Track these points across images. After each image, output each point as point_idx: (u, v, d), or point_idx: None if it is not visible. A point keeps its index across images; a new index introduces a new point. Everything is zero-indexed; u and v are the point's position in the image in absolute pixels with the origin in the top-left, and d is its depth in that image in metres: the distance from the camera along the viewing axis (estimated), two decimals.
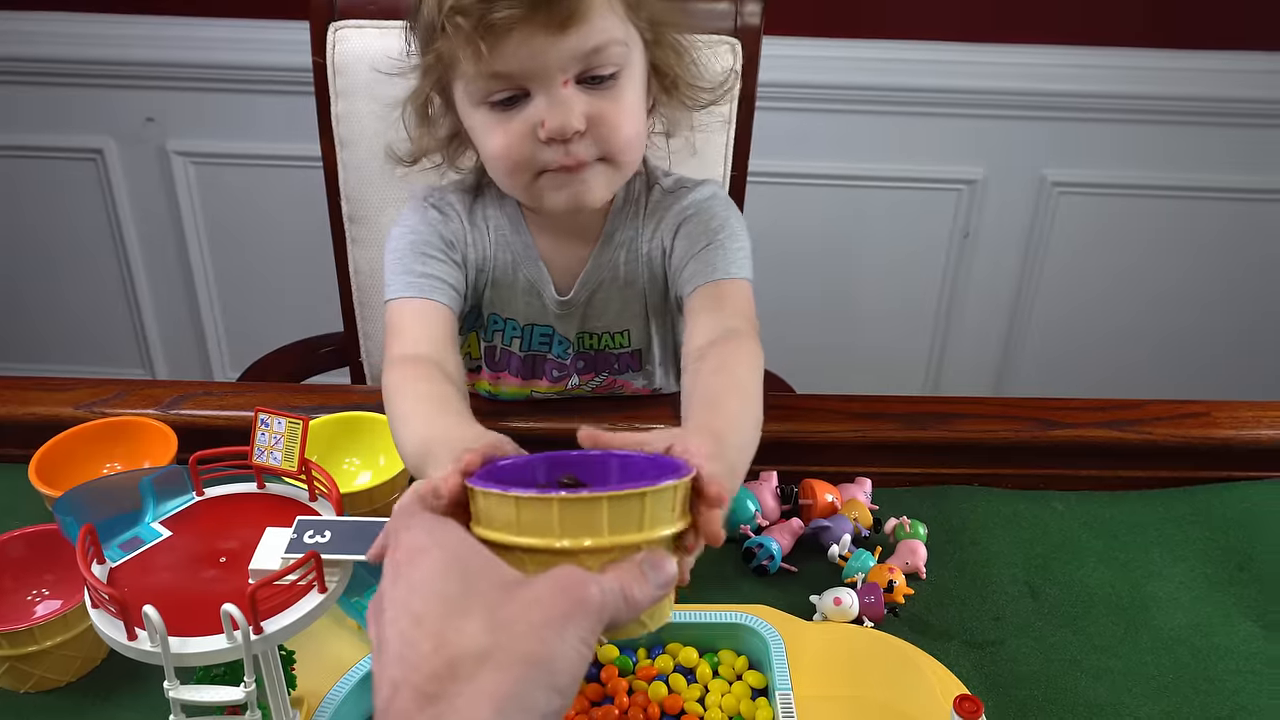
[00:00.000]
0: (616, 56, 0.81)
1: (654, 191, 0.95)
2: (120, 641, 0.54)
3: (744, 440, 0.68)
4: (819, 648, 0.75)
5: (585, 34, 0.79)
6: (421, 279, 0.89)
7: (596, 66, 0.81)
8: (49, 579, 0.79)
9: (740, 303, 0.87)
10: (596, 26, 0.79)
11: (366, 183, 1.25)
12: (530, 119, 0.81)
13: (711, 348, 0.80)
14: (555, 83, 0.80)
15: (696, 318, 0.86)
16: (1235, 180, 1.91)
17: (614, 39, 0.81)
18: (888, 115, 1.86)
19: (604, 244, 0.94)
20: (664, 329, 1.00)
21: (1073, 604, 0.85)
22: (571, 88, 0.80)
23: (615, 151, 0.84)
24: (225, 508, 0.64)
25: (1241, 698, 0.77)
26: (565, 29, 0.78)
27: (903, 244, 1.98)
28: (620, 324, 0.98)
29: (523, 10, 0.76)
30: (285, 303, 1.98)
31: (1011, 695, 0.77)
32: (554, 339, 0.98)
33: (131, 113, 1.90)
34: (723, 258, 0.89)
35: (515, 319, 0.97)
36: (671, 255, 0.92)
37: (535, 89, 0.80)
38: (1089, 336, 2.06)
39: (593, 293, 0.95)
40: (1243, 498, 0.96)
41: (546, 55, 0.79)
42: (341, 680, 0.71)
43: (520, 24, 0.77)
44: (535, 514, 0.50)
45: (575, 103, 0.80)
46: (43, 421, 0.94)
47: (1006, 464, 0.97)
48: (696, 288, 0.88)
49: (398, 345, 0.85)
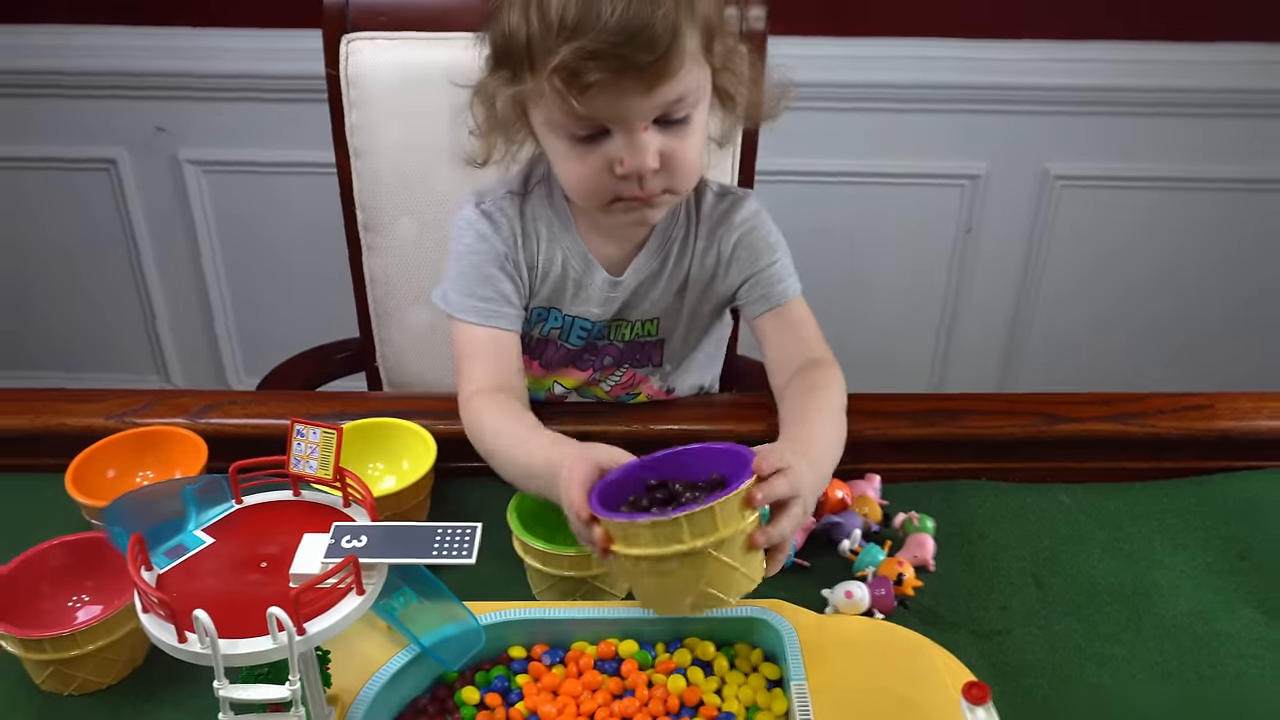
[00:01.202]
0: (692, 101, 0.86)
1: (705, 196, 1.01)
2: (171, 644, 0.57)
3: (827, 449, 0.84)
4: (832, 640, 0.78)
5: (670, 87, 0.83)
6: (485, 303, 0.97)
7: (675, 112, 0.86)
8: (89, 585, 0.81)
9: (811, 327, 0.99)
10: (684, 77, 0.84)
11: (382, 192, 1.28)
12: (608, 155, 0.87)
13: (799, 375, 0.93)
14: (636, 128, 0.85)
15: (775, 346, 0.98)
16: (1236, 171, 1.93)
17: (693, 87, 0.86)
18: (890, 113, 1.88)
19: (658, 236, 1.00)
20: (692, 327, 1.05)
21: (1078, 593, 0.88)
22: (650, 131, 0.85)
23: (683, 185, 0.91)
24: (264, 515, 0.66)
25: (1244, 682, 0.80)
26: (654, 87, 0.83)
27: (907, 240, 2.00)
28: (652, 314, 1.03)
29: (617, 72, 0.81)
30: (298, 309, 2.01)
31: (1018, 683, 0.79)
32: (593, 330, 1.03)
33: (143, 123, 1.93)
34: (783, 277, 1.00)
35: (559, 309, 1.02)
36: (730, 267, 1.00)
37: (616, 130, 0.85)
38: (1093, 328, 2.08)
39: (641, 281, 1.00)
40: (1244, 487, 0.98)
41: (633, 108, 0.84)
42: (373, 678, 0.73)
43: (609, 82, 0.81)
44: (667, 529, 0.67)
45: (652, 143, 0.86)
46: (75, 432, 0.97)
47: (1013, 458, 0.99)
48: (764, 311, 0.99)
49: (475, 377, 0.95)
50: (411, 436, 0.95)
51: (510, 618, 0.78)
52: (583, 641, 0.79)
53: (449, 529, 0.63)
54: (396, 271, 1.33)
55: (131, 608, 0.75)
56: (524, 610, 0.79)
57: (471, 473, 0.98)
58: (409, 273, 1.32)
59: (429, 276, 1.31)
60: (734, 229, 1.00)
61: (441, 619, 0.75)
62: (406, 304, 1.34)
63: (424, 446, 0.93)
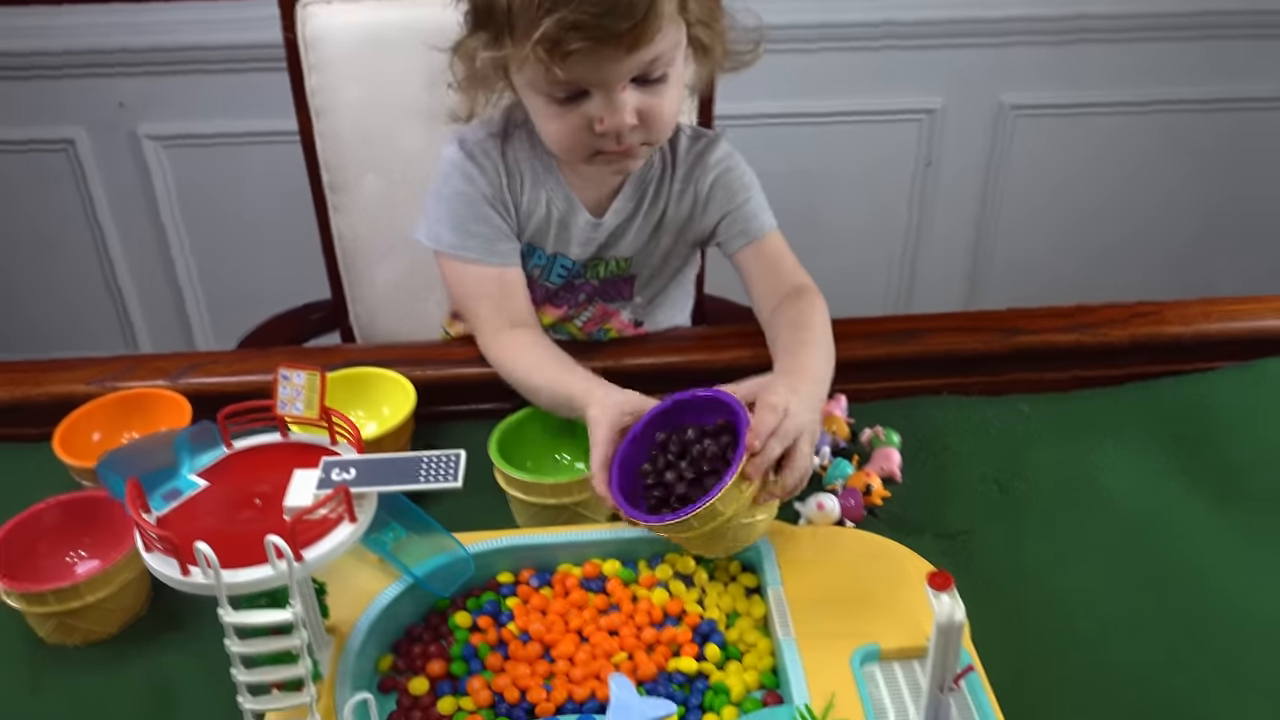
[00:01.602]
0: (668, 59, 0.90)
1: (679, 138, 1.04)
2: (175, 578, 0.59)
3: (820, 377, 0.88)
4: (805, 548, 0.82)
5: (648, 50, 0.87)
6: (485, 241, 1.01)
7: (652, 71, 0.89)
8: (86, 541, 0.84)
9: (790, 258, 1.03)
10: (660, 39, 0.87)
11: (345, 151, 1.30)
12: (587, 114, 0.90)
13: (783, 306, 0.97)
14: (614, 88, 0.88)
15: (757, 278, 1.03)
16: (1187, 93, 1.97)
17: (669, 46, 0.89)
18: (845, 51, 1.90)
19: (634, 180, 1.03)
20: (664, 265, 1.09)
21: (1038, 496, 0.92)
22: (628, 90, 0.89)
23: (660, 137, 0.94)
24: (254, 457, 0.69)
25: (1195, 571, 0.84)
26: (633, 51, 0.86)
27: (868, 176, 2.03)
28: (627, 252, 1.06)
29: (597, 40, 0.84)
30: (267, 276, 2.01)
31: (982, 579, 0.83)
32: (573, 269, 1.06)
33: (100, 101, 1.92)
34: (758, 212, 1.04)
35: (542, 249, 1.05)
36: (708, 206, 1.04)
37: (595, 91, 0.89)
38: (1050, 249, 2.13)
39: (624, 220, 1.04)
40: (1193, 390, 1.03)
41: (611, 70, 0.87)
42: (368, 609, 0.77)
43: (590, 49, 0.84)
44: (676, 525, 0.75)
45: (630, 102, 0.89)
46: (57, 400, 0.98)
47: (972, 373, 1.03)
48: (744, 246, 1.03)
49: (491, 317, 1.00)
50: (391, 384, 0.97)
51: (497, 545, 0.82)
52: (568, 564, 0.82)
53: (434, 456, 0.66)
54: (364, 230, 1.35)
55: (130, 559, 0.79)
56: (509, 538, 0.82)
57: (450, 416, 1.02)
58: (377, 230, 1.34)
59: (397, 233, 1.33)
60: (710, 169, 1.03)
61: (431, 550, 0.79)
62: (376, 261, 1.36)
63: (403, 393, 0.96)
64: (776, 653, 0.75)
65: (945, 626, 0.63)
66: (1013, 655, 0.76)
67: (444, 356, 1.05)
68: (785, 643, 0.74)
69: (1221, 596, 0.82)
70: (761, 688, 0.74)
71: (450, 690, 0.74)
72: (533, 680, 0.74)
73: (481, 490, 0.89)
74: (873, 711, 0.69)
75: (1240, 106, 2.00)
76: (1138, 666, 0.76)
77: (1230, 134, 2.03)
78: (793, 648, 0.73)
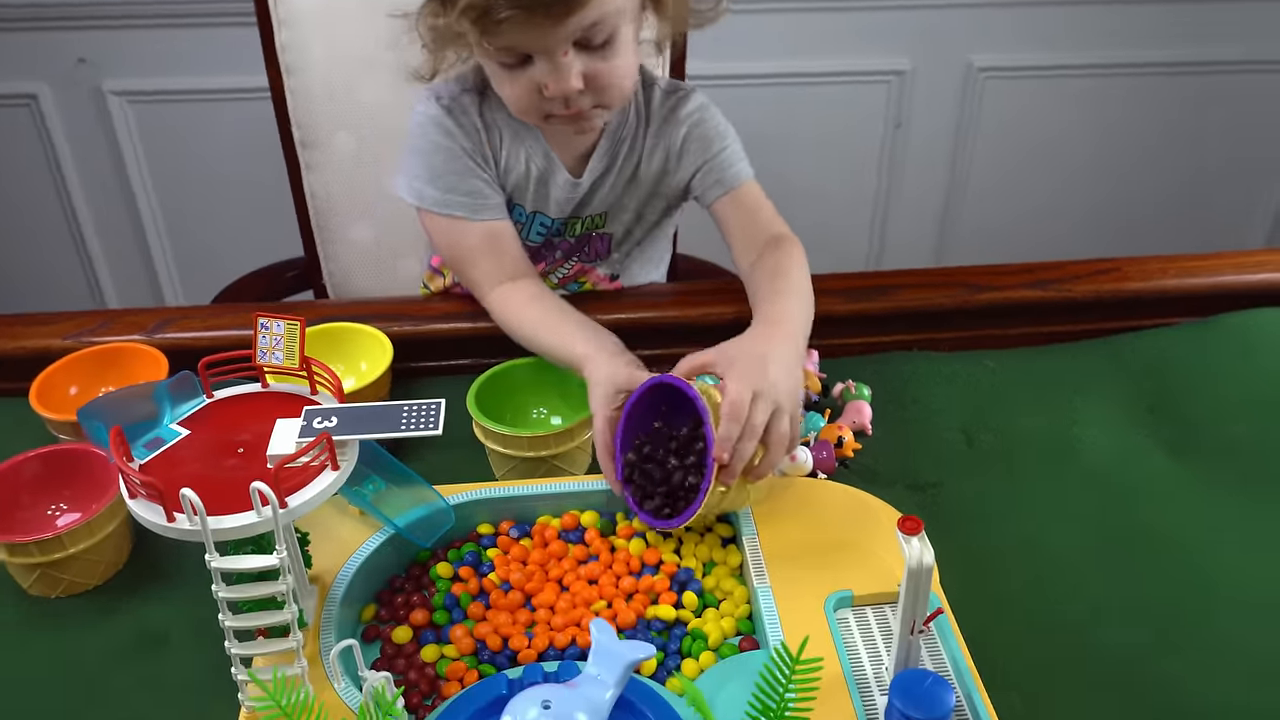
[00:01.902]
0: (612, 22, 0.88)
1: (653, 93, 1.04)
2: (160, 524, 0.60)
3: (796, 328, 0.88)
4: (778, 499, 0.84)
5: (581, 16, 0.85)
6: (469, 197, 1.00)
7: (594, 36, 0.88)
8: (66, 494, 0.84)
9: (768, 207, 1.03)
10: (592, 7, 0.85)
11: (316, 108, 1.29)
12: (534, 79, 0.89)
13: (762, 257, 0.97)
14: (555, 54, 0.87)
15: (735, 223, 1.02)
16: (1155, 55, 1.99)
17: (610, 10, 0.87)
18: (815, 12, 1.90)
19: (610, 135, 1.03)
20: (640, 221, 1.09)
21: (1004, 448, 0.94)
22: (570, 54, 0.88)
23: (611, 101, 0.93)
24: (235, 407, 0.70)
25: (1154, 519, 0.87)
26: (563, 20, 0.85)
27: (837, 138, 2.04)
28: (601, 208, 1.06)
29: (525, 9, 0.83)
30: (238, 234, 2.00)
31: (952, 528, 0.86)
32: (552, 226, 1.06)
33: (63, 55, 1.88)
34: (734, 161, 1.03)
35: (522, 206, 1.05)
36: (682, 159, 1.04)
37: (537, 57, 0.88)
38: (1019, 212, 2.15)
39: (599, 177, 1.03)
40: (1152, 344, 1.05)
41: (545, 38, 0.86)
42: (351, 559, 0.78)
43: (520, 18, 0.83)
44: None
45: (574, 67, 0.88)
46: (32, 354, 0.98)
47: (941, 329, 1.06)
48: (719, 196, 1.03)
49: (489, 274, 1.00)
50: (368, 339, 0.98)
51: (476, 497, 0.83)
52: (547, 515, 0.84)
53: (415, 405, 0.66)
54: (337, 188, 1.34)
55: (112, 510, 0.79)
56: (489, 489, 0.84)
57: (427, 372, 1.02)
58: (350, 188, 1.33)
59: (371, 191, 1.33)
60: (681, 123, 1.03)
61: (412, 502, 0.80)
62: (350, 220, 1.36)
63: (380, 348, 0.97)
64: (752, 599, 0.77)
65: (915, 570, 0.65)
66: (981, 600, 0.78)
67: (421, 312, 1.05)
68: (760, 590, 0.76)
69: (1178, 539, 0.85)
70: (738, 634, 0.76)
71: (433, 639, 0.76)
72: (514, 628, 0.76)
73: (460, 444, 0.90)
74: (846, 654, 0.72)
75: (1208, 70, 2.02)
76: (1100, 608, 0.79)
77: (1198, 97, 2.05)
78: (768, 594, 0.76)
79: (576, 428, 0.87)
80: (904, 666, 0.69)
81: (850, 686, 0.69)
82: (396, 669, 0.73)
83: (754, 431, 0.77)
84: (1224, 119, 2.08)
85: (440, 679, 0.73)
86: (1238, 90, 2.05)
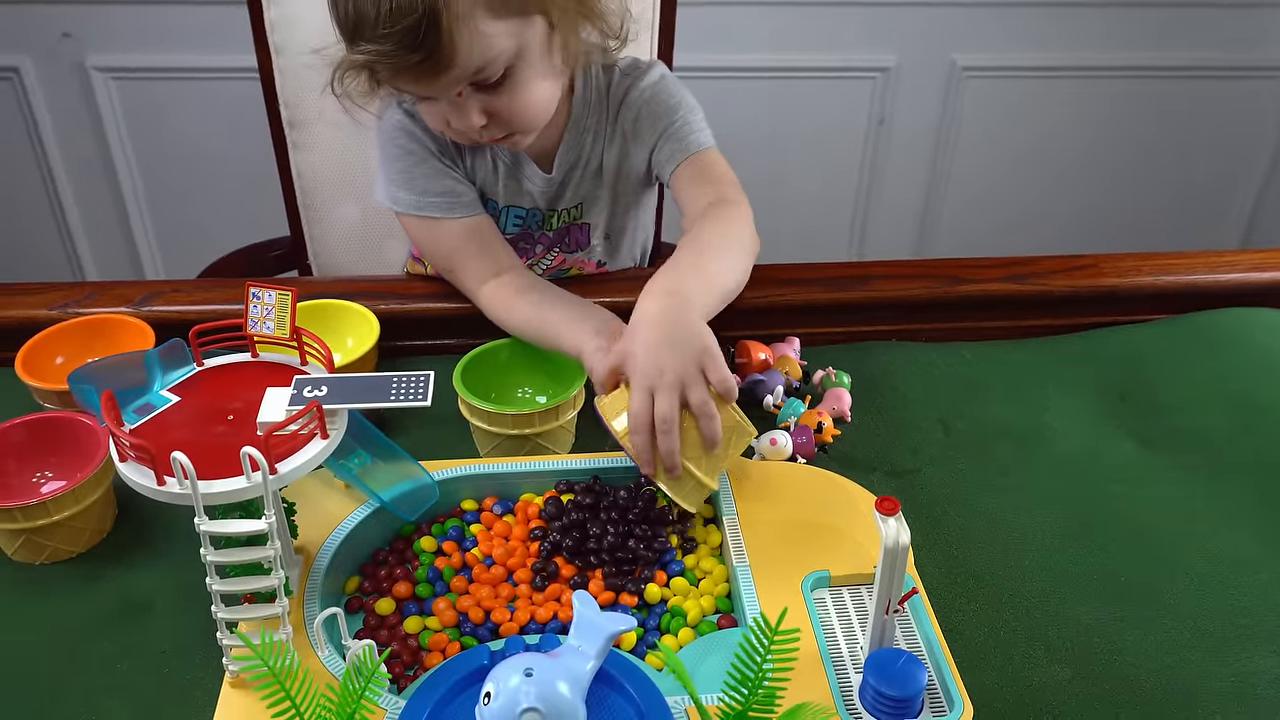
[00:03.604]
0: (503, 62, 0.87)
1: (613, 75, 1.03)
2: (151, 487, 0.61)
3: (690, 292, 0.83)
4: (758, 482, 0.85)
5: (463, 66, 0.85)
6: (443, 197, 1.00)
7: (487, 78, 0.88)
8: (52, 461, 0.85)
9: (721, 169, 1.00)
10: (473, 57, 0.85)
11: (305, 87, 1.29)
12: (441, 113, 0.91)
13: (707, 212, 0.95)
14: (449, 96, 0.88)
15: (686, 190, 0.99)
16: (1130, 59, 2.02)
17: (495, 53, 0.86)
18: (802, 6, 1.92)
19: (573, 128, 1.03)
20: (616, 208, 1.09)
21: (980, 436, 0.96)
22: (466, 93, 0.88)
23: (523, 127, 0.93)
24: (226, 375, 0.70)
25: (1123, 504, 0.89)
26: (439, 74, 0.85)
27: (822, 132, 2.06)
28: (576, 200, 1.07)
29: (398, 70, 0.84)
30: (220, 213, 2.00)
31: (928, 512, 0.87)
32: (528, 217, 1.07)
33: (47, 29, 1.88)
34: (689, 132, 1.01)
35: (495, 200, 1.05)
36: (635, 140, 1.02)
37: (436, 96, 0.89)
38: (999, 210, 2.18)
39: (569, 170, 1.04)
40: (1126, 340, 1.07)
41: (433, 88, 0.87)
42: (335, 531, 0.79)
43: (402, 75, 0.85)
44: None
45: (471, 105, 0.89)
46: (19, 324, 0.98)
47: (920, 320, 1.07)
48: (677, 165, 1.00)
49: (475, 273, 0.99)
50: (355, 316, 0.99)
51: (461, 474, 0.84)
52: (530, 493, 0.85)
53: (404, 376, 0.67)
54: (324, 168, 1.35)
55: (98, 478, 0.80)
56: (474, 466, 0.85)
57: (413, 350, 1.03)
58: (337, 168, 1.34)
59: (358, 171, 1.33)
60: (633, 105, 1.02)
61: (397, 476, 0.81)
62: (336, 200, 1.36)
63: (367, 326, 0.97)
64: (731, 579, 0.78)
65: (891, 549, 0.67)
66: (955, 582, 0.80)
67: (406, 291, 1.06)
68: (739, 569, 0.77)
69: (1144, 521, 0.87)
70: (717, 611, 0.77)
71: (416, 611, 0.77)
72: (496, 602, 0.77)
73: (445, 421, 0.91)
74: (822, 632, 0.73)
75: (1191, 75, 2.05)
76: (1067, 585, 0.81)
77: (1180, 102, 2.08)
78: (747, 574, 0.77)
79: (561, 407, 0.88)
80: (879, 645, 0.71)
81: (826, 664, 0.70)
82: (380, 640, 0.74)
83: (666, 425, 0.76)
84: (1207, 125, 2.12)
85: (423, 650, 0.74)
86: (1220, 95, 2.09)
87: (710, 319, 0.84)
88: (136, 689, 0.72)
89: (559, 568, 0.79)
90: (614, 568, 0.78)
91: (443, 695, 0.64)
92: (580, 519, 0.80)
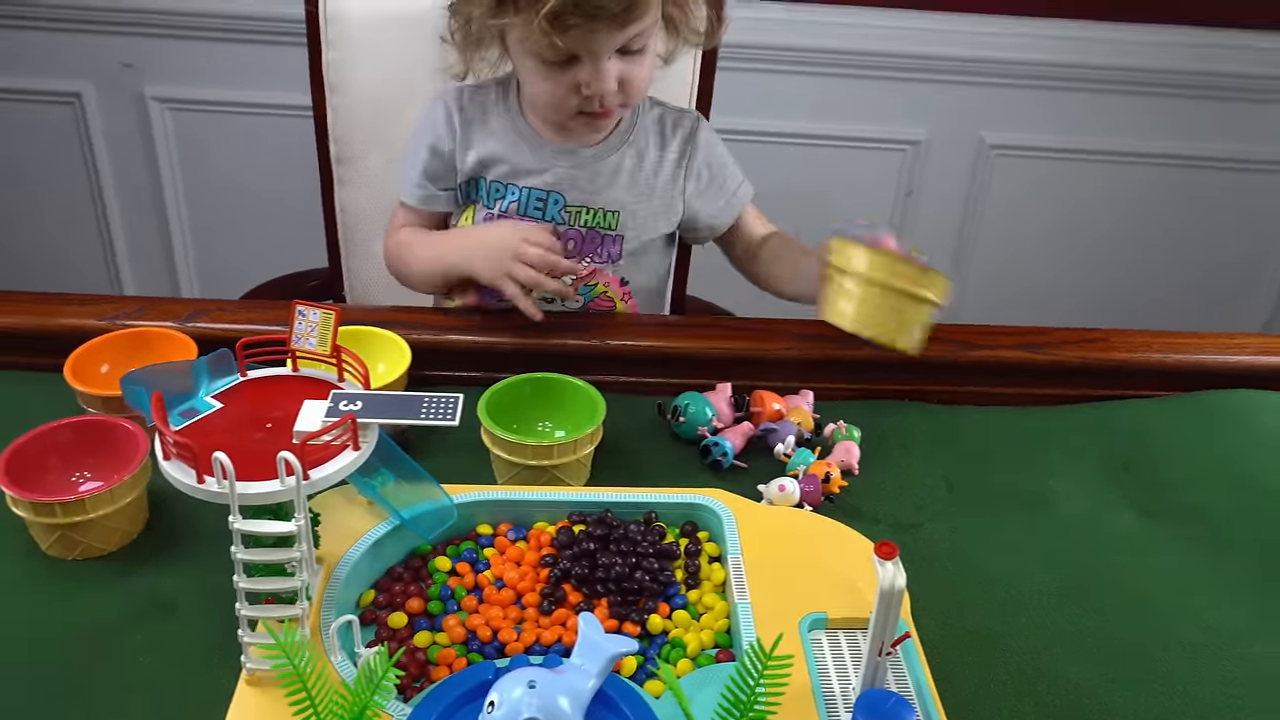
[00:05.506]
0: (649, 32, 1.03)
1: (654, 109, 1.19)
2: (191, 485, 0.65)
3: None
4: (765, 525, 0.88)
5: (635, 26, 1.00)
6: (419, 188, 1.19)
7: (635, 44, 1.03)
8: (90, 463, 0.89)
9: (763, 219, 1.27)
10: (648, 14, 1.01)
11: (355, 126, 1.35)
12: (575, 78, 1.04)
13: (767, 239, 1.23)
14: (602, 57, 1.02)
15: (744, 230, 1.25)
16: (1160, 146, 2.06)
17: (649, 22, 1.02)
18: (837, 77, 1.98)
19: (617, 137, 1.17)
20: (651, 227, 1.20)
21: (983, 496, 0.99)
22: (613, 59, 1.03)
23: (632, 100, 1.10)
24: (267, 386, 0.74)
25: (1120, 571, 0.91)
26: (624, 28, 1.00)
27: (851, 200, 2.11)
28: (613, 204, 1.16)
29: (593, 18, 0.97)
30: (260, 245, 2.06)
31: (929, 568, 0.90)
32: (549, 200, 1.16)
33: (110, 58, 1.96)
34: (736, 190, 1.24)
35: (515, 184, 1.16)
36: (694, 185, 1.21)
37: (584, 59, 1.02)
38: (1023, 284, 2.21)
39: (594, 159, 1.15)
40: (1133, 414, 1.10)
41: (602, 42, 1.01)
42: (355, 545, 0.82)
43: (585, 25, 0.97)
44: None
45: (613, 70, 1.03)
46: (70, 332, 1.03)
47: (932, 381, 1.10)
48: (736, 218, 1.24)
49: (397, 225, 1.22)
50: (387, 343, 1.03)
51: (479, 498, 0.87)
52: (543, 521, 0.88)
53: (435, 396, 0.71)
54: (367, 204, 1.40)
55: (134, 480, 0.84)
56: (491, 492, 0.88)
57: (441, 380, 1.07)
58: (379, 205, 1.39)
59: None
60: (700, 148, 1.18)
61: (419, 496, 0.84)
62: (376, 235, 1.41)
63: (399, 352, 1.01)
64: (731, 615, 0.81)
65: (887, 592, 0.69)
66: (949, 632, 0.83)
67: (438, 323, 1.10)
68: (740, 605, 0.80)
69: (1145, 591, 0.89)
70: (716, 646, 0.80)
71: (427, 626, 0.80)
72: (504, 623, 0.80)
73: (468, 448, 0.95)
74: (816, 670, 0.76)
75: (1222, 166, 2.08)
76: (1064, 650, 0.83)
77: (1210, 190, 2.11)
78: (747, 611, 0.79)
79: (579, 441, 0.91)
80: (870, 686, 0.73)
81: (818, 701, 0.73)
82: (390, 650, 0.77)
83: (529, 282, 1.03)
84: (1235, 213, 2.13)
85: (430, 664, 0.76)
86: (1249, 187, 2.11)
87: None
88: (157, 683, 0.75)
89: (567, 594, 0.82)
90: (620, 597, 0.81)
91: (447, 705, 0.67)
92: (590, 549, 0.83)
